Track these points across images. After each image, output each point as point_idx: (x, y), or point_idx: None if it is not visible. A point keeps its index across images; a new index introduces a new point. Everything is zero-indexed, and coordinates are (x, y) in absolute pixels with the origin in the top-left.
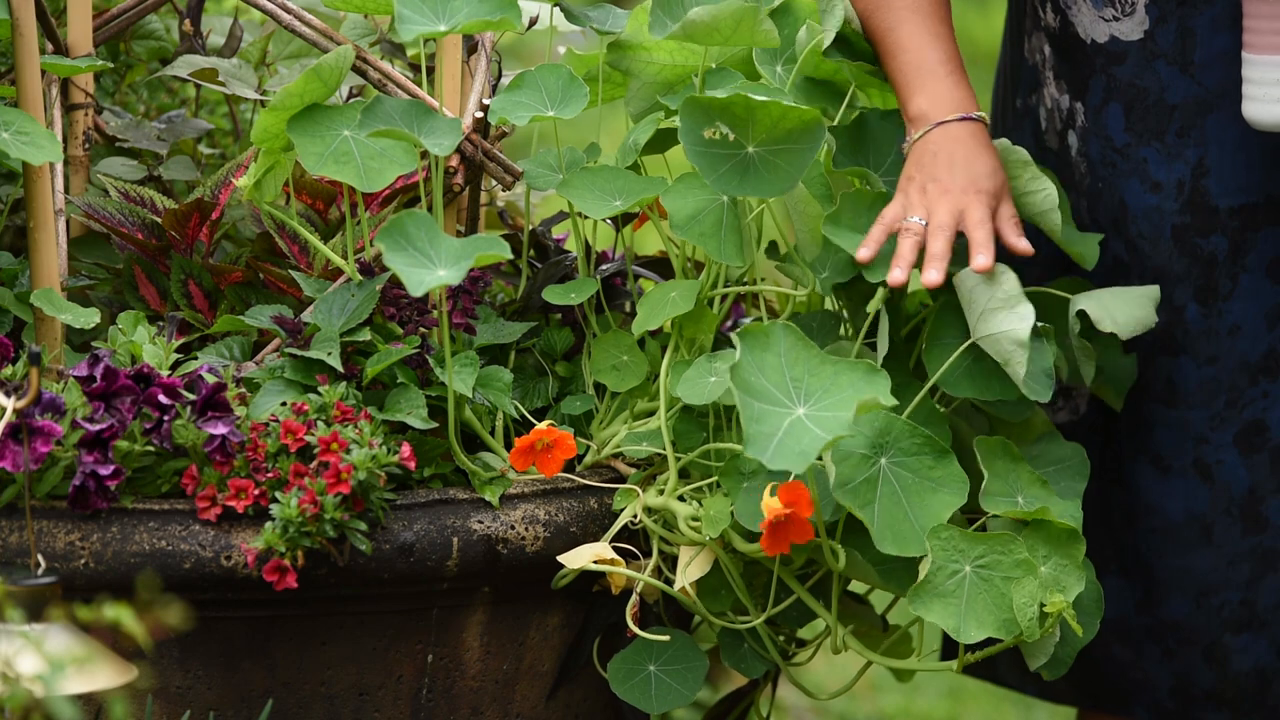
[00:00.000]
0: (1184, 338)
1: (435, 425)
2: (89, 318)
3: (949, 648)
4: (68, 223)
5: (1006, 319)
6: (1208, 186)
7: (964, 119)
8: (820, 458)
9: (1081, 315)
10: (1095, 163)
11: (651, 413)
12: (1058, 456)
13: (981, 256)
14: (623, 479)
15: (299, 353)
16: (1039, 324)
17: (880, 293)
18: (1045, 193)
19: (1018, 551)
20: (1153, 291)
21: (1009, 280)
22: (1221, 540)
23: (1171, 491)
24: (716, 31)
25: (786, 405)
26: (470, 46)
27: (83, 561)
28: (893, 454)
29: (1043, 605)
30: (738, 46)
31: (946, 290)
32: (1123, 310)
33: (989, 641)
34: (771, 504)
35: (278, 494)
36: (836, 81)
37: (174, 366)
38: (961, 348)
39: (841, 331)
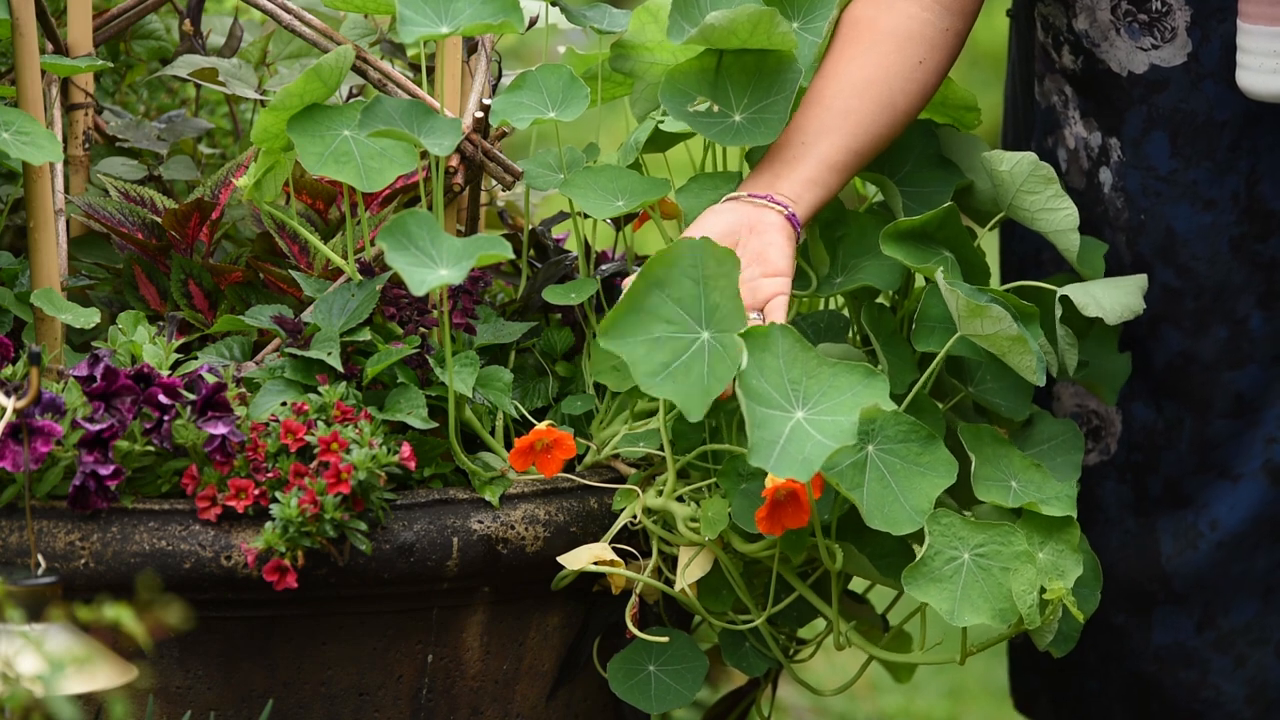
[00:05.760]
0: (1250, 347)
1: (435, 425)
2: (89, 318)
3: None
4: (68, 223)
5: (986, 325)
6: (1262, 193)
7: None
8: None
9: (1065, 301)
10: (1135, 195)
11: (652, 413)
12: (1049, 434)
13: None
14: (623, 479)
15: (299, 353)
16: (1021, 304)
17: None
18: (1066, 212)
19: (1017, 543)
20: (1140, 280)
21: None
22: None
23: (1240, 499)
24: (734, 35)
25: (786, 409)
26: (470, 46)
27: (83, 561)
28: (879, 442)
29: (1043, 591)
30: (755, 48)
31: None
32: (1109, 297)
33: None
34: (775, 479)
35: (278, 494)
36: None
37: (174, 366)
38: (951, 339)
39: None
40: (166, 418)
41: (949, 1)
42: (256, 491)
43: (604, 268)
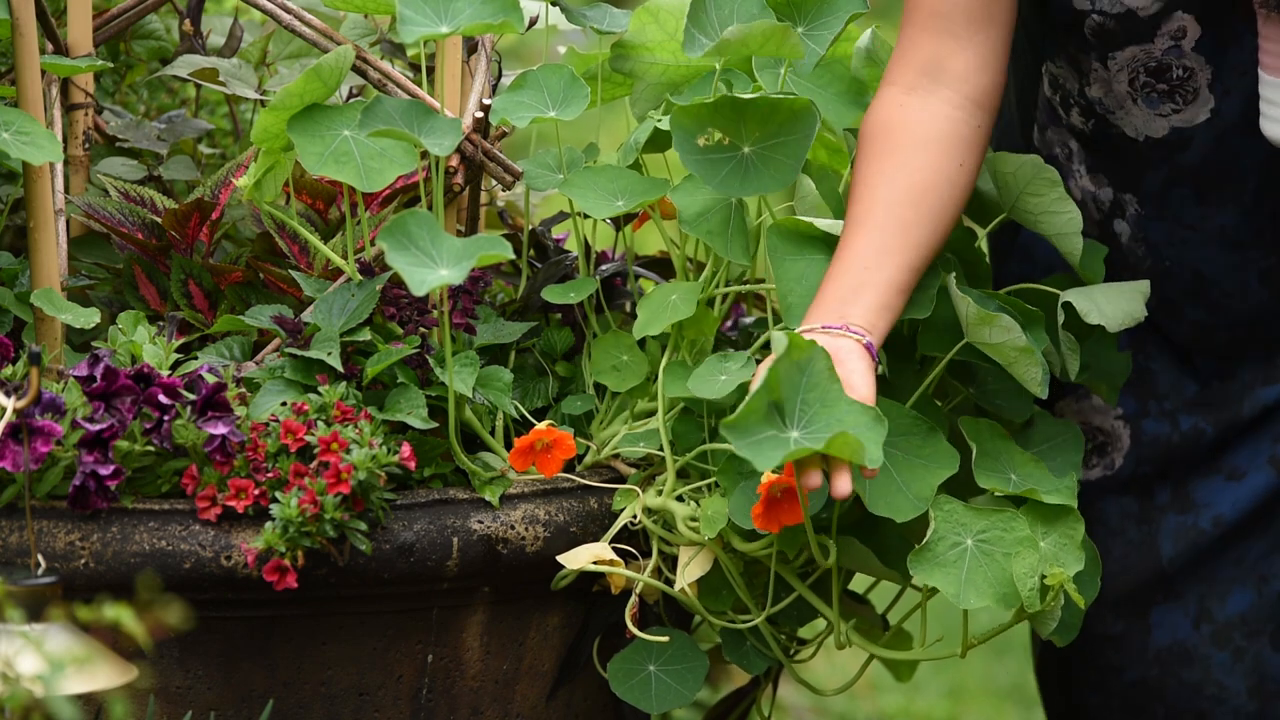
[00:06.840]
0: None
1: (435, 425)
2: (89, 318)
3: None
4: (68, 223)
5: (995, 332)
6: None
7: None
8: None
9: (1068, 307)
10: (1159, 245)
11: (652, 413)
12: (1048, 435)
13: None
14: (623, 479)
15: (299, 353)
16: (1025, 307)
17: None
18: (1069, 215)
19: (1019, 529)
20: (1142, 286)
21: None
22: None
23: (1243, 494)
24: (746, 46)
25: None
26: (470, 46)
27: (83, 561)
28: None
29: (1043, 577)
30: (766, 56)
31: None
32: (1111, 303)
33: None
34: (770, 475)
35: (278, 494)
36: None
37: (174, 366)
38: (957, 346)
39: None
40: (166, 418)
41: (979, 98)
42: (256, 491)
43: (604, 268)
